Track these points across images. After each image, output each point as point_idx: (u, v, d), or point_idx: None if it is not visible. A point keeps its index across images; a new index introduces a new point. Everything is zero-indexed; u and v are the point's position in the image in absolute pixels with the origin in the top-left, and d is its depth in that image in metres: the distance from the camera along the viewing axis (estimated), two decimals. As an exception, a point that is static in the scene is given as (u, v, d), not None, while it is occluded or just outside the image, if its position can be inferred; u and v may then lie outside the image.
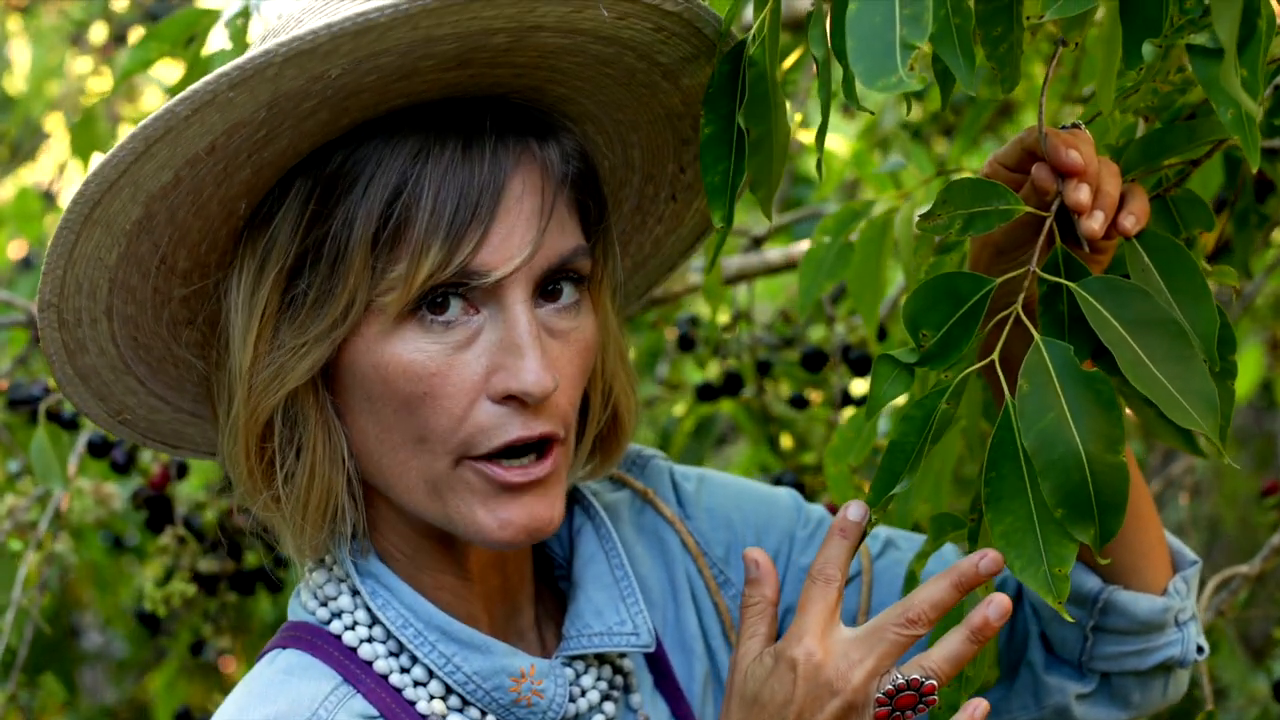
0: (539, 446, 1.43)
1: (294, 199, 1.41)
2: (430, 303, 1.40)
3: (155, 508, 2.59)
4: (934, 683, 1.38)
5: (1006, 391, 1.36)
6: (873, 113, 1.44)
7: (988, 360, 1.37)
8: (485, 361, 1.40)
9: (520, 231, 1.40)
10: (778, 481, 2.58)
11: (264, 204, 1.43)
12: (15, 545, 2.43)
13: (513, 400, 1.40)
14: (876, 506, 1.39)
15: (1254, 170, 1.26)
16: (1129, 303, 1.33)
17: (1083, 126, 1.40)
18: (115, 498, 2.64)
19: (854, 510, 1.44)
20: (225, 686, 3.33)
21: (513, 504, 1.43)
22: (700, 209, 1.64)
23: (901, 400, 1.61)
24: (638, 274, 1.70)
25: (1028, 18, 1.34)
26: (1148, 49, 1.26)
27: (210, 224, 1.42)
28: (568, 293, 1.45)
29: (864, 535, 1.44)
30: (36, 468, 2.33)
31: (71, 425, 2.51)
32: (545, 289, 1.44)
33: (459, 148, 1.39)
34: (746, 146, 1.39)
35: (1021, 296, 1.37)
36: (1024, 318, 1.36)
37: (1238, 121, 1.23)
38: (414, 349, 1.40)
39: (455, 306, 1.40)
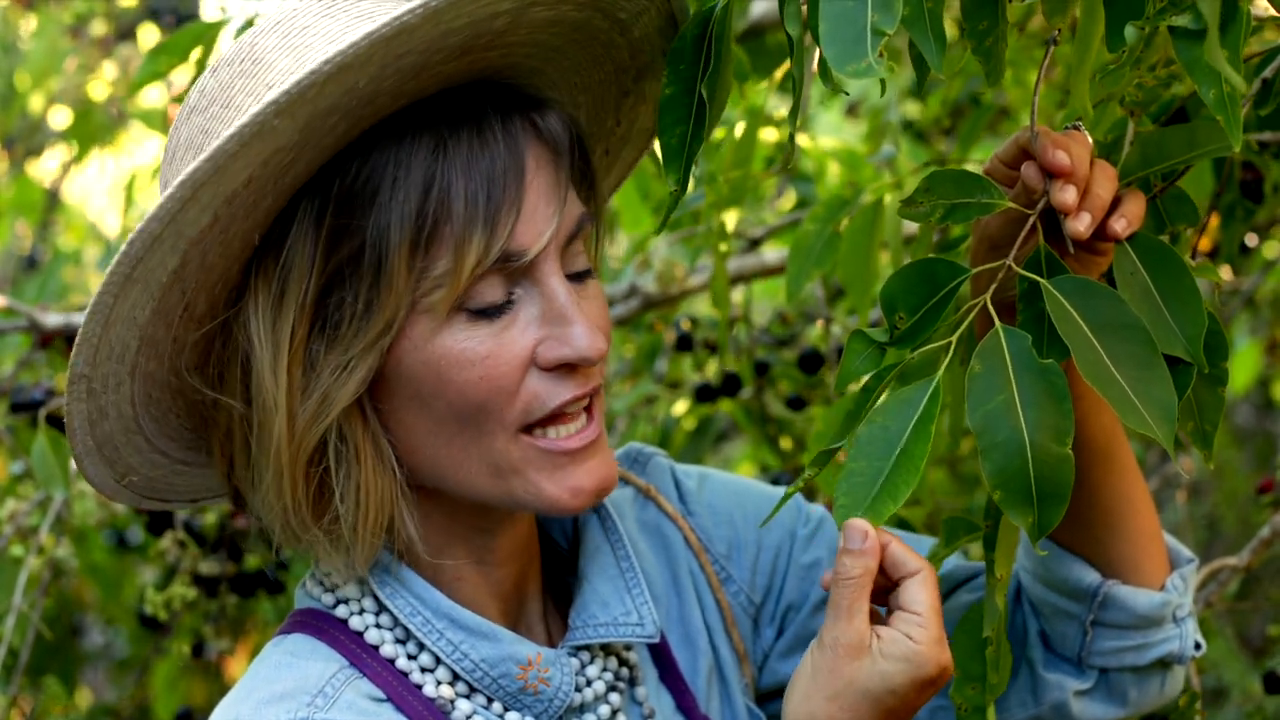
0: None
1: (303, 221, 1.40)
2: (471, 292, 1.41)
3: (155, 512, 2.60)
4: None
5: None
6: (848, 93, 1.44)
7: (947, 342, 1.37)
8: (532, 335, 1.43)
9: (544, 206, 1.43)
10: (775, 481, 2.59)
11: (272, 231, 1.41)
12: (17, 550, 2.43)
13: (563, 366, 1.44)
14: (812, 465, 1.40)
15: (1235, 149, 1.25)
16: (1099, 306, 1.32)
17: (1081, 128, 1.40)
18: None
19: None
20: (226, 687, 3.33)
21: (578, 471, 1.46)
22: (627, 159, 1.66)
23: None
24: None
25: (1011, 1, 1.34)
26: (1130, 32, 1.26)
27: (231, 261, 1.41)
28: (581, 254, 1.49)
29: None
30: (38, 472, 2.34)
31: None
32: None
33: (473, 135, 1.41)
34: (707, 115, 1.40)
35: (992, 288, 1.37)
36: (990, 308, 1.35)
37: (1220, 101, 1.22)
38: (464, 338, 1.42)
39: (494, 291, 1.42)
